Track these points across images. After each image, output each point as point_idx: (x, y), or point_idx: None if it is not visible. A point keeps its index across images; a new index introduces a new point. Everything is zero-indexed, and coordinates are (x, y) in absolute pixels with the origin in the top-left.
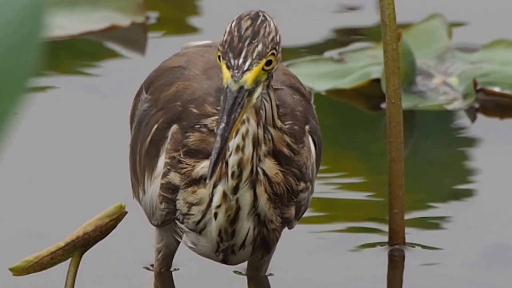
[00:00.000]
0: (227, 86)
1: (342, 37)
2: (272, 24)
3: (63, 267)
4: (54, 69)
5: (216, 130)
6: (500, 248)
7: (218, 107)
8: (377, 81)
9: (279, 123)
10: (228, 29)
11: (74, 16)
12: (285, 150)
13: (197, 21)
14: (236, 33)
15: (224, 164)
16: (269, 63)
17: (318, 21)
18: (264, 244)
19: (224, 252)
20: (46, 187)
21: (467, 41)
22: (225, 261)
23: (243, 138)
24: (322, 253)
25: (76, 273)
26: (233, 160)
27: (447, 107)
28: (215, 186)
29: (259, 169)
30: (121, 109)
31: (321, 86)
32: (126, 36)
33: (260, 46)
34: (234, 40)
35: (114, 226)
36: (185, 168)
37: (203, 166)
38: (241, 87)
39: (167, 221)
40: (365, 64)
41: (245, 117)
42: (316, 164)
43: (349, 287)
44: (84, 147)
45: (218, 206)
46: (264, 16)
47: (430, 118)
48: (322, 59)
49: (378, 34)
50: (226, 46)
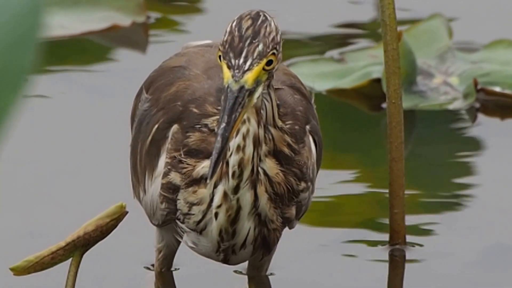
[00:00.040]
0: (228, 86)
1: (343, 36)
2: (273, 24)
3: (64, 267)
4: (55, 69)
5: (217, 130)
6: (501, 248)
7: (219, 107)
8: (378, 81)
9: (280, 123)
10: (229, 29)
11: (75, 16)
12: (286, 150)
13: (198, 21)
14: (237, 33)
15: (225, 164)
16: (270, 63)
17: (318, 21)
18: (265, 244)
19: (225, 252)
20: (47, 187)
21: (468, 41)
22: (226, 261)
23: (244, 138)
24: (323, 253)
25: (77, 273)
26: (234, 160)
27: (448, 107)
28: (216, 186)
29: (260, 169)
30: (122, 109)
31: (322, 86)
32: (127, 36)
33: (261, 46)
34: (235, 40)
35: (115, 226)
36: (186, 168)
37: (204, 166)
38: (242, 87)
39: (168, 221)
40: (366, 64)
41: (246, 117)
42: (317, 164)
43: (350, 287)
44: (85, 147)
45: (219, 206)
46: (265, 16)
47: (431, 118)
48: (323, 59)
49: (378, 32)
50: (227, 46)
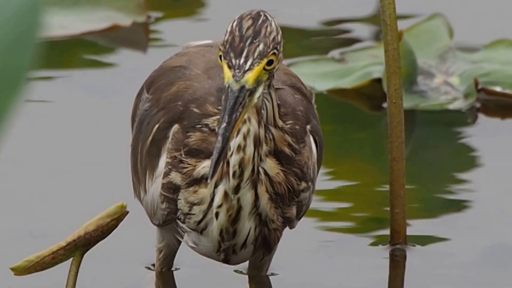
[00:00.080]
0: (229, 86)
1: (343, 36)
2: (273, 24)
3: (65, 267)
4: (55, 69)
5: (218, 130)
6: (501, 248)
7: (219, 107)
8: (378, 81)
9: (280, 123)
10: (229, 29)
11: (76, 16)
12: (286, 150)
13: (198, 21)
14: (238, 33)
15: (226, 164)
16: (270, 63)
17: (318, 21)
18: (265, 244)
19: (225, 252)
20: (47, 187)
21: (468, 41)
22: (226, 261)
23: (245, 138)
24: (324, 253)
25: (78, 273)
26: (235, 160)
27: (448, 107)
28: (217, 186)
29: (260, 169)
30: (122, 109)
31: (322, 86)
32: (128, 36)
33: (262, 46)
34: (236, 40)
35: (116, 226)
36: (186, 168)
37: (204, 166)
38: (243, 87)
39: (168, 221)
40: (366, 64)
41: (247, 117)
42: (317, 164)
43: (351, 287)
44: (85, 147)
45: (220, 206)
46: (265, 16)
47: (431, 118)
48: (323, 59)
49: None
50: (228, 46)
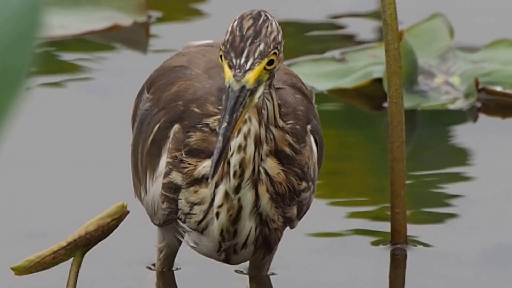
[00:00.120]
0: (229, 86)
1: (345, 33)
2: (274, 24)
3: (65, 267)
4: (56, 69)
5: (218, 130)
6: (502, 248)
7: (220, 107)
8: (379, 81)
9: (281, 123)
10: (230, 29)
11: (76, 16)
12: (287, 150)
13: (199, 21)
14: (238, 33)
15: (226, 164)
16: (271, 63)
17: (319, 19)
18: (266, 244)
19: (226, 252)
20: (48, 187)
21: (469, 41)
22: (227, 261)
23: (245, 138)
24: (324, 252)
25: (78, 273)
26: (235, 160)
27: (449, 107)
28: (217, 186)
29: (261, 169)
30: (123, 109)
31: (323, 86)
32: (128, 36)
33: (262, 46)
34: (236, 40)
35: (116, 226)
36: (187, 168)
37: (205, 166)
38: (243, 87)
39: (169, 221)
40: (367, 64)
41: (247, 117)
42: (318, 164)
43: (351, 286)
44: (86, 147)
45: (220, 206)
46: (266, 16)
47: (432, 118)
48: (324, 59)
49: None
50: (228, 46)
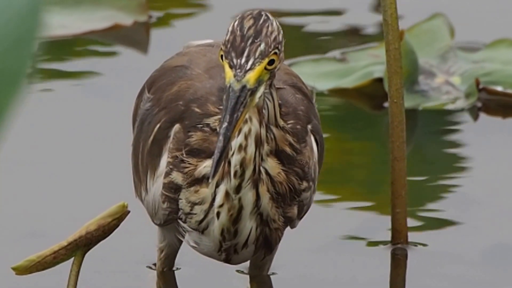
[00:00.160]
0: (230, 86)
1: (345, 36)
2: (275, 24)
3: (66, 267)
4: (57, 68)
5: (219, 130)
6: (503, 248)
7: (221, 107)
8: (380, 81)
9: (282, 123)
10: (231, 29)
11: (77, 15)
12: (288, 150)
13: (200, 20)
14: (239, 33)
15: (227, 164)
16: (272, 63)
17: (320, 19)
18: (267, 244)
19: (227, 252)
20: (48, 187)
21: (469, 40)
22: (228, 261)
23: (246, 138)
24: (325, 252)
25: (79, 273)
26: (236, 160)
27: (450, 107)
28: (218, 186)
29: (262, 169)
30: (124, 109)
31: (324, 86)
32: (129, 35)
33: (263, 46)
34: (237, 40)
35: (117, 226)
36: (188, 168)
37: (206, 166)
38: (244, 87)
39: (170, 221)
40: (368, 64)
41: (248, 117)
42: (319, 163)
43: (352, 286)
44: (86, 147)
45: (221, 206)
46: (267, 16)
47: (433, 118)
48: (325, 59)
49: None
50: (229, 46)
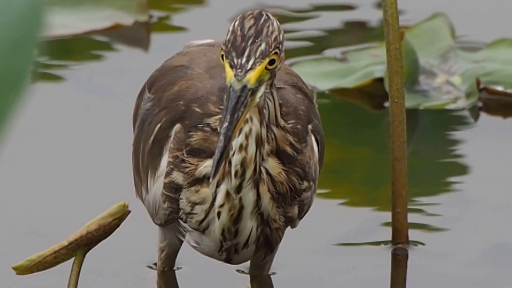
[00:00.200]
0: (230, 85)
1: (345, 35)
2: (275, 23)
3: (67, 266)
4: (58, 68)
5: (220, 129)
6: (503, 248)
7: (221, 106)
8: (380, 80)
9: (282, 122)
10: (231, 28)
11: (78, 15)
12: (288, 149)
13: (200, 20)
14: (239, 32)
15: (227, 163)
16: (272, 62)
17: (321, 19)
18: (267, 243)
19: (227, 251)
20: (49, 186)
21: (470, 40)
22: (228, 260)
23: (246, 137)
24: (325, 252)
25: (79, 272)
26: (236, 159)
27: (450, 106)
28: (218, 185)
29: (262, 168)
30: (124, 108)
31: (324, 85)
32: (130, 35)
33: (263, 45)
34: (237, 39)
35: (118, 225)
36: (188, 167)
37: (206, 165)
38: (244, 86)
39: (170, 220)
40: (368, 63)
41: (248, 116)
42: (319, 163)
43: (353, 286)
44: (87, 146)
45: (221, 205)
46: (267, 15)
47: (433, 117)
48: (325, 58)
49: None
50: (229, 45)
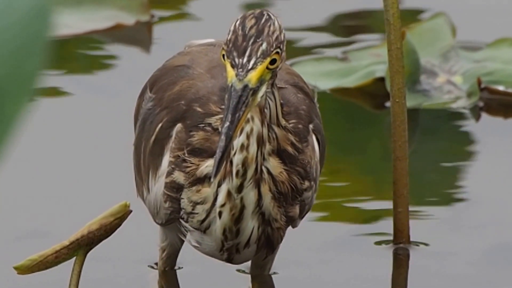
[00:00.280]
0: (232, 85)
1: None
2: (277, 23)
3: (68, 266)
4: (59, 68)
5: (221, 129)
6: (505, 247)
7: (222, 106)
8: (381, 80)
9: (283, 122)
10: (233, 28)
11: (79, 15)
12: (290, 149)
13: (201, 20)
14: (241, 32)
15: (229, 163)
16: (274, 62)
17: (322, 18)
18: (268, 243)
19: (229, 251)
20: (50, 186)
21: (471, 40)
22: (230, 260)
23: (248, 137)
24: (326, 252)
25: (81, 272)
26: (238, 159)
27: (451, 106)
28: (220, 185)
29: (264, 168)
30: (126, 108)
31: (325, 85)
32: (131, 35)
33: (265, 45)
34: (239, 39)
35: (119, 225)
36: (190, 167)
37: (208, 165)
38: (246, 86)
39: (172, 220)
40: (369, 63)
41: (250, 116)
42: (320, 163)
43: (354, 286)
44: (88, 146)
45: (223, 205)
46: (269, 15)
47: (434, 117)
48: (326, 58)
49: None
50: (231, 45)
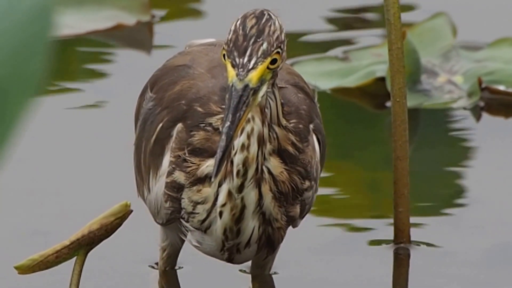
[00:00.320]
0: (232, 85)
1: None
2: (277, 23)
3: (68, 266)
4: (59, 68)
5: (221, 129)
6: (505, 247)
7: (223, 106)
8: (382, 80)
9: (284, 122)
10: (233, 28)
11: (80, 15)
12: (290, 149)
13: (202, 19)
14: (241, 32)
15: (229, 163)
16: (274, 62)
17: (321, 18)
18: (269, 243)
19: (229, 251)
20: (51, 186)
21: (472, 40)
22: (230, 260)
23: (248, 137)
24: (327, 252)
25: (81, 272)
26: (238, 159)
27: (452, 106)
28: (220, 185)
29: (264, 168)
30: (126, 108)
31: (326, 85)
32: (132, 35)
33: (265, 45)
34: (239, 39)
35: (119, 225)
36: (190, 167)
37: (208, 165)
38: (246, 86)
39: (172, 220)
40: (370, 63)
41: (250, 116)
42: (320, 163)
43: (355, 285)
44: (89, 146)
45: (223, 205)
46: (269, 15)
47: (435, 117)
48: (327, 58)
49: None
50: (231, 45)
